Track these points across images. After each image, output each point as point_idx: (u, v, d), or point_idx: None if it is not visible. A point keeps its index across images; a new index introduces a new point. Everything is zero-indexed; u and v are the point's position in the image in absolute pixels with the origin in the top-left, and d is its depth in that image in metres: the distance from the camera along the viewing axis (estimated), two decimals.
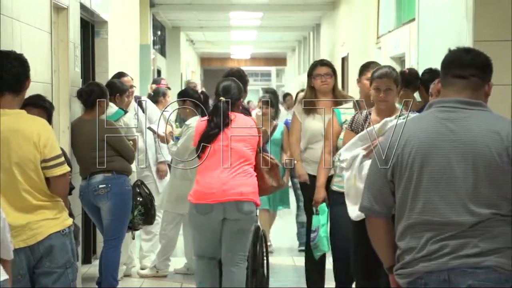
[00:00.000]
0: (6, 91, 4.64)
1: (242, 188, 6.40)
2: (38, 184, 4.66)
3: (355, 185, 5.68)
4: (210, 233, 6.55)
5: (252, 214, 6.51)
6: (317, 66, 7.52)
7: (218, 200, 6.36)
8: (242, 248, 6.57)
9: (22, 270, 4.60)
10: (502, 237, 3.78)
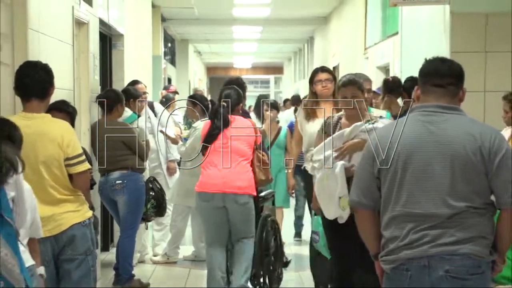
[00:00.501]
0: (33, 97, 4.65)
1: (239, 183, 6.64)
2: (62, 180, 4.67)
3: (326, 185, 5.50)
4: (213, 218, 6.78)
5: (248, 205, 6.71)
6: (318, 72, 7.32)
7: (218, 190, 6.62)
8: (247, 231, 6.81)
9: (47, 257, 4.61)
10: (475, 227, 3.79)
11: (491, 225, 3.87)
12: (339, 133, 5.62)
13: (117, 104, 7.55)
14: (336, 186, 5.39)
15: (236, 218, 6.71)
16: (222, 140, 6.65)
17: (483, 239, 3.82)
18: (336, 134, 5.61)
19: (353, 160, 5.44)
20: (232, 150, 6.66)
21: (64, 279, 4.74)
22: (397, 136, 3.92)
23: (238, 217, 6.72)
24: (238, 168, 6.68)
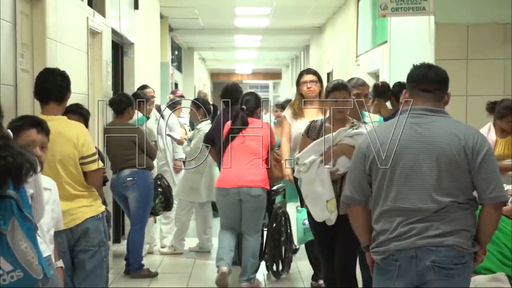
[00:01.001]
0: (51, 100, 4.66)
1: (252, 177, 6.87)
2: (77, 177, 4.67)
3: (313, 189, 5.26)
4: (230, 210, 7.04)
5: (261, 197, 6.96)
6: (303, 74, 6.99)
7: (233, 185, 6.86)
8: (256, 222, 7.09)
9: (63, 248, 4.61)
10: (459, 221, 3.80)
11: (473, 219, 3.87)
12: (324, 138, 5.33)
13: (128, 107, 7.57)
14: (323, 190, 5.21)
15: (248, 209, 6.93)
16: (239, 140, 6.91)
17: (466, 232, 3.82)
18: (321, 139, 5.33)
19: (338, 164, 5.22)
20: (247, 149, 6.91)
21: (79, 269, 4.75)
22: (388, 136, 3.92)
23: (250, 208, 6.93)
24: (251, 165, 6.90)
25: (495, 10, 8.17)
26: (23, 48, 5.28)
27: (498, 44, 8.20)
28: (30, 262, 3.50)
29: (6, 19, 4.79)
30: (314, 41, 20.76)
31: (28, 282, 3.52)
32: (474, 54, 8.20)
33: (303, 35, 20.51)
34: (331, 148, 5.22)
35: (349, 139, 5.23)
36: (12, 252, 3.47)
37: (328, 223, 5.25)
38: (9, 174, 3.50)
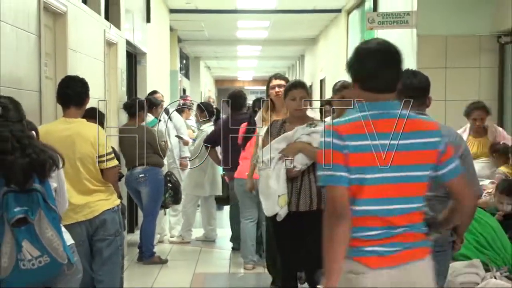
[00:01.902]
0: (71, 105, 4.65)
1: None
2: (95, 174, 4.66)
3: (267, 184, 4.93)
4: (246, 199, 6.94)
5: None
6: (272, 79, 6.36)
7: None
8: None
9: (83, 237, 4.61)
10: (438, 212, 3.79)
11: None
12: (282, 136, 5.04)
13: (140, 111, 7.58)
14: (276, 185, 4.88)
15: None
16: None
17: None
18: (280, 137, 5.03)
19: (295, 161, 4.91)
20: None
21: (97, 256, 4.75)
22: None
23: None
24: None
25: (471, 24, 8.19)
26: (47, 57, 5.29)
27: (474, 54, 8.24)
28: (56, 248, 3.52)
29: (32, 32, 4.80)
30: (308, 51, 20.75)
31: (54, 266, 3.54)
32: (452, 63, 8.23)
33: (298, 45, 20.49)
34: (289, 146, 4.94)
35: (306, 137, 4.95)
36: (39, 240, 3.48)
37: (278, 219, 4.93)
38: (34, 170, 3.52)
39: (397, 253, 2.88)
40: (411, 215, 2.96)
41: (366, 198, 2.88)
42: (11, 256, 3.45)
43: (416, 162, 2.95)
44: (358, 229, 2.88)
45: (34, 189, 3.51)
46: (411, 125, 3.00)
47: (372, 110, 2.96)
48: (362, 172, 2.86)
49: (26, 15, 4.68)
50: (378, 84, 3.00)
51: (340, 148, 2.87)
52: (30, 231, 3.48)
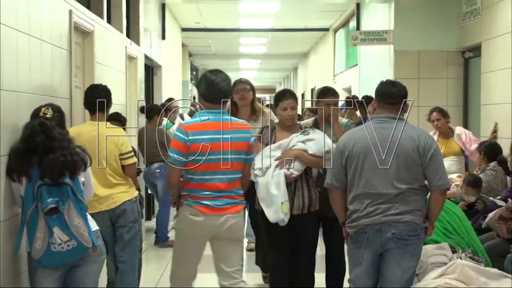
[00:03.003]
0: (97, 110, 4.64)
1: None
2: (117, 169, 4.66)
3: (268, 191, 4.37)
4: None
5: None
6: (236, 84, 5.62)
7: None
8: None
9: (107, 224, 4.61)
10: (413, 203, 3.80)
11: (424, 201, 3.87)
12: (277, 143, 4.55)
13: (155, 115, 7.62)
14: (278, 193, 4.36)
15: None
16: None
17: (419, 211, 3.82)
18: (275, 145, 4.54)
19: (292, 168, 4.47)
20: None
21: (118, 240, 4.74)
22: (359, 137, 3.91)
23: None
24: None
25: (440, 41, 8.24)
26: (77, 70, 5.28)
27: (442, 67, 8.28)
28: (82, 234, 3.53)
29: (64, 48, 4.80)
30: (301, 64, 20.78)
31: (80, 249, 3.55)
32: (424, 74, 8.26)
33: (292, 59, 20.53)
34: (285, 153, 4.46)
35: (301, 144, 4.50)
36: (68, 226, 3.49)
37: (281, 224, 4.41)
38: (67, 168, 3.55)
39: (221, 207, 3.98)
40: (232, 183, 4.03)
41: (200, 171, 3.94)
42: (44, 240, 3.46)
43: (234, 149, 3.99)
44: (197, 190, 3.98)
45: (65, 183, 3.53)
46: (233, 125, 4.04)
47: (210, 115, 4.01)
48: (197, 155, 3.91)
49: (59, 34, 4.69)
50: (214, 98, 4.04)
51: (184, 141, 3.93)
52: (60, 219, 3.48)
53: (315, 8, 11.59)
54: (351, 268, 3.97)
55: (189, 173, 3.96)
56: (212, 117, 3.98)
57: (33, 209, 3.46)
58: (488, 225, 5.12)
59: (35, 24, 4.12)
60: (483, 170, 5.95)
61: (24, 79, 3.89)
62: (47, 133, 3.52)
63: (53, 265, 3.54)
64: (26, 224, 3.49)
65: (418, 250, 3.86)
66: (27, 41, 3.97)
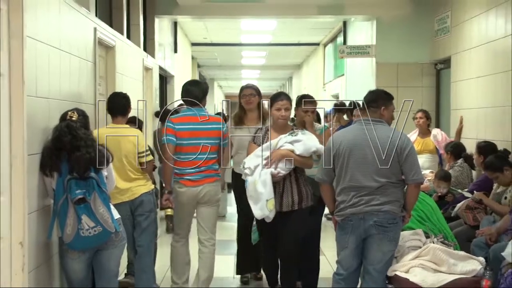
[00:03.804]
0: (118, 114, 4.64)
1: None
2: (135, 166, 4.65)
3: (255, 189, 4.12)
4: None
5: None
6: (243, 89, 5.36)
7: None
8: None
9: (127, 213, 4.61)
10: (392, 195, 3.81)
11: (402, 193, 3.87)
12: (266, 144, 4.27)
13: None
14: (264, 190, 4.10)
15: None
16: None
17: (397, 202, 3.83)
18: (265, 145, 4.26)
19: (279, 167, 4.18)
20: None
21: (137, 226, 4.74)
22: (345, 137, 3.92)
23: None
24: None
25: (415, 54, 8.24)
26: (100, 79, 5.28)
27: (417, 77, 8.28)
28: (106, 221, 3.53)
29: (89, 60, 4.80)
30: (295, 74, 20.78)
31: (105, 234, 3.56)
32: (401, 83, 8.26)
33: (287, 70, 20.53)
34: (273, 153, 4.17)
35: (289, 145, 4.21)
36: (94, 214, 3.50)
37: (267, 220, 4.17)
38: (92, 164, 3.56)
39: (199, 180, 4.55)
40: (208, 161, 4.54)
41: (184, 153, 4.53)
42: (74, 226, 3.47)
43: (209, 136, 4.53)
44: (182, 168, 4.55)
45: (90, 177, 3.54)
46: (209, 119, 4.59)
47: (188, 111, 4.65)
48: (182, 140, 4.52)
49: (85, 48, 4.69)
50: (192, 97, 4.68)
51: (174, 128, 4.55)
52: (87, 208, 3.49)
53: (307, 26, 11.59)
54: (338, 251, 3.97)
55: (178, 154, 4.53)
56: (190, 113, 4.62)
57: (63, 200, 3.47)
58: (457, 214, 5.14)
59: (64, 40, 4.12)
60: (452, 167, 5.99)
61: (55, 87, 3.90)
62: (73, 134, 3.54)
63: (82, 248, 3.56)
64: (58, 213, 3.51)
65: (396, 235, 3.87)
66: (58, 55, 3.98)
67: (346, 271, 3.91)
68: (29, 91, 3.39)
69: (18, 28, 3.28)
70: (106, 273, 3.71)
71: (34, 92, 3.50)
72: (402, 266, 3.95)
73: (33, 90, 3.49)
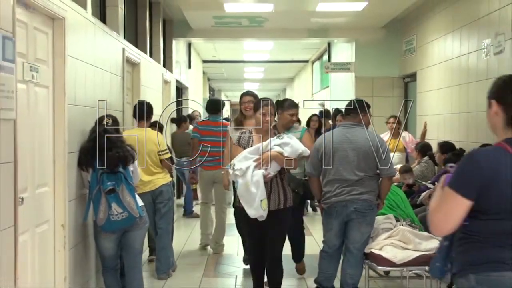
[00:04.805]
0: (142, 119, 4.64)
1: None
2: (156, 162, 4.65)
3: (247, 189, 3.58)
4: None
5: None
6: (242, 96, 4.93)
7: None
8: None
9: (149, 201, 4.60)
10: (369, 186, 3.80)
11: (377, 185, 3.87)
12: (256, 146, 3.69)
13: (182, 122, 7.61)
14: (257, 191, 3.57)
15: None
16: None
17: (373, 192, 3.83)
18: (254, 148, 3.69)
19: (269, 168, 3.63)
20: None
21: (157, 212, 4.73)
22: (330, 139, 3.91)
23: None
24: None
25: (387, 70, 8.26)
26: (127, 90, 5.28)
27: (389, 89, 8.29)
28: (132, 207, 3.53)
29: (118, 74, 4.80)
30: (288, 86, 20.76)
31: (131, 219, 3.55)
32: (376, 94, 8.26)
33: (282, 82, 20.51)
34: (263, 155, 3.63)
35: (277, 147, 3.68)
36: (121, 202, 3.49)
37: (260, 219, 3.62)
38: (121, 161, 3.54)
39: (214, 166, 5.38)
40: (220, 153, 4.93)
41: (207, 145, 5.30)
42: (105, 212, 3.46)
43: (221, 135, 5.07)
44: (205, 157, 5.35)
45: (119, 171, 3.52)
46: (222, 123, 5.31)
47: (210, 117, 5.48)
48: (208, 137, 5.32)
49: (115, 65, 4.69)
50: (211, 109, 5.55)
51: (199, 128, 5.46)
52: (116, 197, 3.48)
53: (298, 46, 11.59)
54: (324, 233, 3.98)
55: (202, 147, 5.24)
56: (211, 118, 5.51)
57: (97, 190, 3.47)
58: (421, 201, 5.14)
59: (98, 58, 4.13)
60: (419, 163, 5.99)
61: (90, 97, 3.90)
62: (108, 137, 3.53)
63: (112, 230, 3.55)
64: (92, 201, 3.51)
65: (372, 219, 3.87)
66: (93, 70, 3.98)
67: (331, 249, 3.92)
68: (69, 100, 3.40)
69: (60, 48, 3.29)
70: (131, 250, 3.71)
71: (73, 101, 3.50)
72: (377, 244, 3.95)
73: (73, 99, 3.49)
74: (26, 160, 2.89)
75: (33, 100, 3.03)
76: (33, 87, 3.02)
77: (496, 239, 1.74)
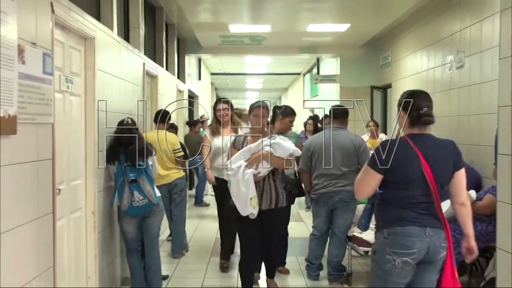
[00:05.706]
0: (160, 123, 4.64)
1: None
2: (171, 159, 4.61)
3: (239, 188, 3.25)
4: None
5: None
6: (217, 103, 4.45)
7: None
8: None
9: (166, 192, 4.60)
10: (351, 179, 3.77)
11: None
12: (248, 147, 3.37)
13: (195, 125, 7.59)
14: (247, 189, 3.23)
15: None
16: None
17: None
18: (246, 148, 3.37)
19: (259, 168, 3.28)
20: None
21: (172, 202, 4.72)
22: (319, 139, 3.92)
23: None
24: None
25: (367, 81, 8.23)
26: (147, 98, 5.28)
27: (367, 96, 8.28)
28: (151, 195, 3.53)
29: (139, 85, 4.80)
30: (283, 94, 20.73)
31: (150, 205, 3.55)
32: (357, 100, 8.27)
33: (278, 92, 20.50)
34: (254, 155, 3.31)
35: (268, 148, 3.31)
36: (142, 191, 3.49)
37: (251, 217, 3.28)
38: (141, 155, 3.53)
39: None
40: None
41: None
42: (128, 199, 3.47)
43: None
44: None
45: (140, 165, 3.53)
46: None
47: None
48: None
49: (137, 77, 4.70)
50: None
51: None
52: (138, 186, 3.49)
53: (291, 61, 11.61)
54: (314, 219, 3.99)
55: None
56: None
57: (121, 181, 3.47)
58: None
59: (123, 71, 4.14)
60: None
61: (116, 104, 3.91)
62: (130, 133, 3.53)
63: (134, 215, 3.56)
64: (117, 190, 3.51)
65: (354, 208, 3.88)
66: (118, 82, 4.00)
67: (319, 233, 3.94)
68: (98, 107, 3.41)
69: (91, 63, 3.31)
70: (150, 234, 3.71)
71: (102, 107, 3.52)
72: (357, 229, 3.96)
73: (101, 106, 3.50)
74: (62, 157, 2.91)
75: (68, 107, 3.05)
76: (68, 96, 3.05)
77: (401, 203, 2.15)
